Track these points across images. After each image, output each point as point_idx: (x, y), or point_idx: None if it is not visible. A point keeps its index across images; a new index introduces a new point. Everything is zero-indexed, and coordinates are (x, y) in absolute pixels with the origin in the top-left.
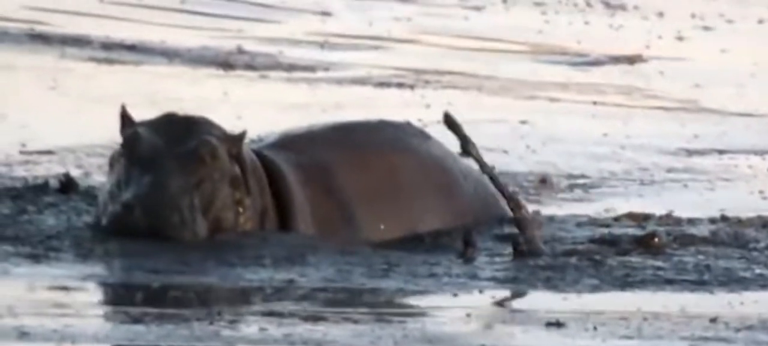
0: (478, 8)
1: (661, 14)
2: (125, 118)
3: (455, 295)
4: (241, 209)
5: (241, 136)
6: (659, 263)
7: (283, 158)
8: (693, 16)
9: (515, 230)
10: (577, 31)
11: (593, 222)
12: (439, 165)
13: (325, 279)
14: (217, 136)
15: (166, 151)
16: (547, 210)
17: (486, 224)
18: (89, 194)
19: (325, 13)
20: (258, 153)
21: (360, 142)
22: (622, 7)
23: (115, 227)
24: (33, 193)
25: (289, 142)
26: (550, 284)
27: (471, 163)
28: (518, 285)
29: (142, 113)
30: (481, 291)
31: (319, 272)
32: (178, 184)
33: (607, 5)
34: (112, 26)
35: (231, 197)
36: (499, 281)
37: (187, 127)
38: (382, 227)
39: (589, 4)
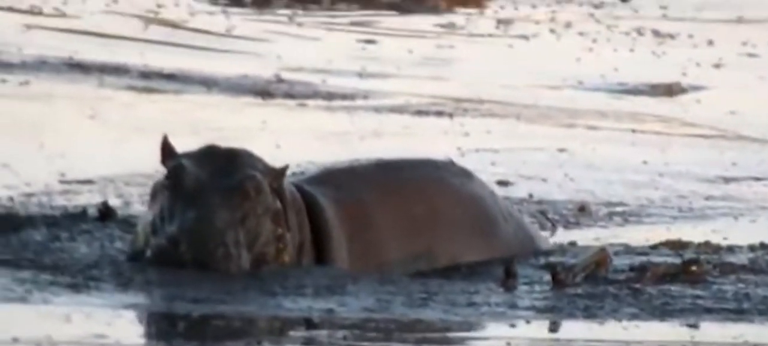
0: (525, 37)
1: (711, 42)
2: (167, 149)
3: (496, 324)
4: (281, 245)
5: (282, 171)
6: (698, 292)
7: (322, 193)
8: (744, 43)
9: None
10: (620, 59)
11: (631, 250)
12: (479, 205)
13: (364, 309)
14: (260, 170)
15: (211, 185)
16: (585, 238)
17: (524, 255)
18: (128, 223)
19: (366, 41)
20: (298, 187)
21: (400, 181)
22: (672, 36)
23: (159, 259)
24: (71, 221)
25: (329, 178)
26: (589, 313)
27: (513, 204)
28: (557, 314)
29: (181, 142)
30: (520, 320)
31: (358, 302)
32: (224, 219)
33: (657, 33)
34: (151, 55)
35: (273, 232)
36: (539, 311)
37: (231, 160)
38: (418, 266)
39: (640, 33)
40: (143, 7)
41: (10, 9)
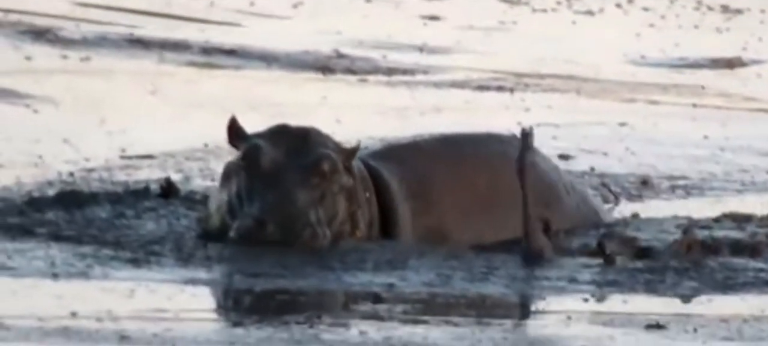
0: (590, 12)
1: None
2: (235, 129)
3: (556, 298)
4: (355, 222)
5: (354, 150)
6: (760, 265)
7: (387, 169)
8: None
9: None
10: (681, 34)
11: (693, 224)
12: (541, 178)
13: (425, 283)
14: (333, 148)
15: (288, 165)
16: (647, 212)
17: (588, 230)
18: (189, 199)
19: (427, 17)
20: (364, 162)
21: (463, 155)
22: (740, 11)
23: (245, 240)
24: (134, 197)
25: (392, 153)
26: (650, 287)
27: (574, 177)
28: (618, 288)
29: (242, 119)
30: (581, 295)
31: (419, 276)
32: (305, 198)
33: (726, 9)
34: (212, 31)
35: (347, 210)
36: (600, 285)
37: (304, 139)
38: (481, 240)
39: (709, 8)
40: None
41: None
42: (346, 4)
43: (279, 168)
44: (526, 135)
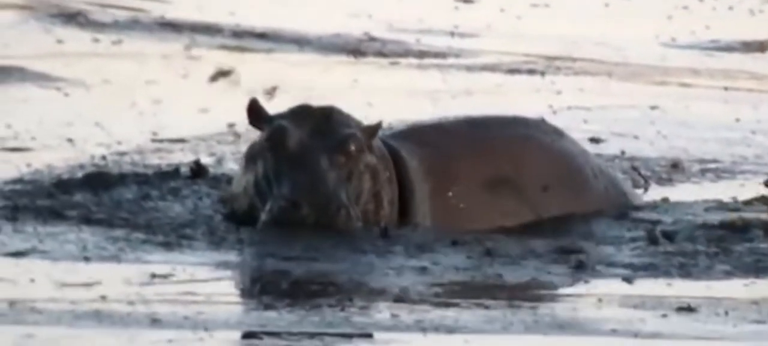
0: None
1: None
2: (256, 110)
3: (587, 281)
4: (378, 201)
5: (376, 128)
6: None
7: (407, 149)
8: None
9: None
10: (713, 16)
11: (724, 206)
12: (569, 162)
13: (456, 267)
14: (355, 127)
15: (314, 146)
16: (679, 195)
17: (618, 213)
18: (219, 181)
19: (460, 0)
20: (383, 142)
21: (487, 137)
22: None
23: (278, 222)
24: (163, 180)
25: (415, 133)
26: (684, 271)
27: (605, 161)
28: (652, 272)
29: (275, 102)
30: (614, 278)
31: (450, 260)
32: (335, 178)
33: None
34: (243, 13)
35: (371, 189)
36: (634, 268)
37: (327, 119)
38: (504, 222)
39: None
40: None
41: None
42: None
43: (306, 149)
44: None
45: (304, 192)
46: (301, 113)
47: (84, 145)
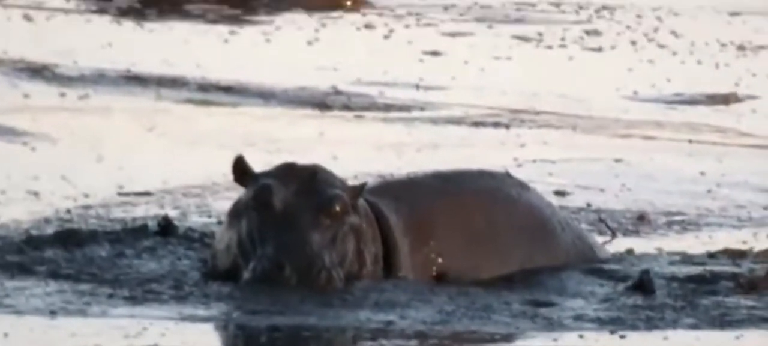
0: (588, 48)
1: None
2: (242, 168)
3: (555, 339)
4: (362, 260)
5: (361, 188)
6: (753, 303)
7: (385, 205)
8: None
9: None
10: (681, 69)
11: (690, 259)
12: (536, 215)
13: (424, 321)
14: (340, 187)
15: (300, 206)
16: (644, 247)
17: (586, 266)
18: (187, 237)
19: (428, 53)
20: (364, 198)
21: (459, 192)
22: (732, 45)
23: (262, 282)
24: (132, 236)
25: (389, 189)
26: (650, 324)
27: (570, 214)
28: (619, 325)
29: (249, 156)
30: (580, 331)
31: (419, 314)
32: (319, 240)
33: (719, 45)
34: (209, 67)
35: (356, 248)
36: (602, 322)
37: (312, 179)
38: (478, 276)
39: (705, 43)
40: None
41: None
42: (344, 40)
43: (291, 209)
44: None
45: (288, 254)
46: (286, 172)
47: (50, 198)
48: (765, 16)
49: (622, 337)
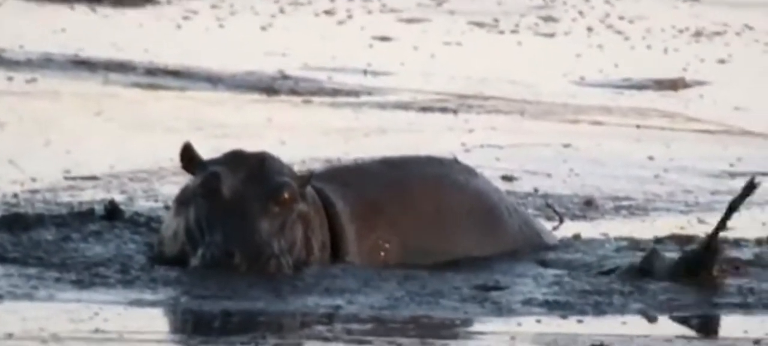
0: (550, 34)
1: (714, 36)
2: (189, 155)
3: (502, 319)
4: (309, 247)
5: (309, 177)
6: (702, 288)
7: (334, 191)
8: (749, 38)
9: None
10: (629, 54)
11: (636, 245)
12: (483, 201)
13: (372, 306)
14: (288, 175)
15: (248, 194)
16: (592, 232)
17: (533, 251)
18: (133, 221)
19: (377, 38)
20: (311, 185)
21: (407, 178)
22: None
23: (210, 268)
24: (79, 220)
25: (336, 175)
26: (599, 309)
27: (518, 199)
28: (568, 310)
29: (186, 139)
30: (529, 315)
31: (368, 299)
32: (267, 228)
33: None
34: (156, 51)
35: (304, 236)
36: (550, 306)
37: (261, 167)
38: (425, 262)
39: (649, 31)
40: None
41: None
42: (297, 25)
43: (239, 196)
44: (751, 186)
45: (237, 241)
46: (235, 159)
47: None
48: (725, 4)
49: (579, 322)
